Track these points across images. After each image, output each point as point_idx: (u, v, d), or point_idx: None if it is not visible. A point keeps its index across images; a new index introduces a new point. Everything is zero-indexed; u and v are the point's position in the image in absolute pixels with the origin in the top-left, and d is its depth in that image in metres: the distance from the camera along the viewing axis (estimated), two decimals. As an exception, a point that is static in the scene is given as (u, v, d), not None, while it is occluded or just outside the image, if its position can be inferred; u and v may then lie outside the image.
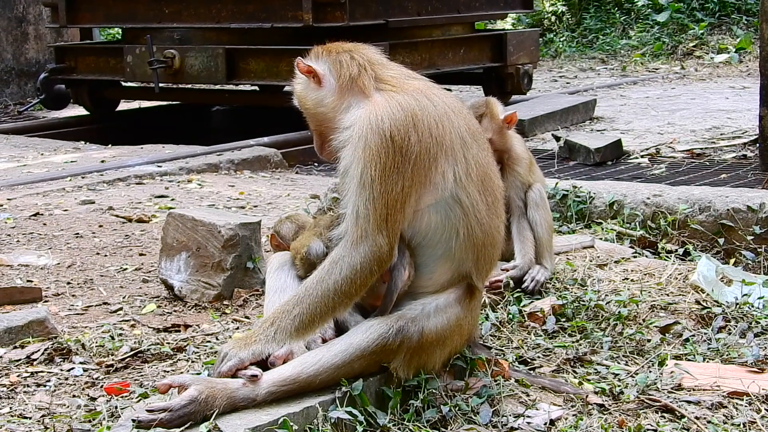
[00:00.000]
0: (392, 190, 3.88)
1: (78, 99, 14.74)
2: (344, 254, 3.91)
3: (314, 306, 3.89)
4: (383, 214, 3.88)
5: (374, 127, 3.90)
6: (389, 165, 3.88)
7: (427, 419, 3.94)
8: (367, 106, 3.98)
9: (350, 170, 3.93)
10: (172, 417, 3.63)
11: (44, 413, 4.17)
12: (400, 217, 3.93)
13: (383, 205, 3.87)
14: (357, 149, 3.91)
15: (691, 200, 6.91)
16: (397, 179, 3.89)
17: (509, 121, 5.63)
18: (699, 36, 20.10)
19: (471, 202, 4.05)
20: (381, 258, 3.90)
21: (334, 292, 3.90)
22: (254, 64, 12.71)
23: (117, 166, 9.98)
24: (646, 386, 4.34)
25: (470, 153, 4.10)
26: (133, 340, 5.01)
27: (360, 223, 3.89)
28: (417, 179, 3.94)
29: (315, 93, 4.16)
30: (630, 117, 13.08)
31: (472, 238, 4.07)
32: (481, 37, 14.23)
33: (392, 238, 3.91)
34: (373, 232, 3.88)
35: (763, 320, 5.11)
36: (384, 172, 3.88)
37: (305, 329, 3.90)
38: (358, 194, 3.90)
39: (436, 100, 4.08)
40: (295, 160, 10.98)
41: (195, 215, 5.75)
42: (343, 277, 3.89)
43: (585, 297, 5.25)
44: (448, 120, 4.06)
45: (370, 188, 3.88)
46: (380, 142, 3.88)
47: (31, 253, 6.74)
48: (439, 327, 4.01)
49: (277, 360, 3.84)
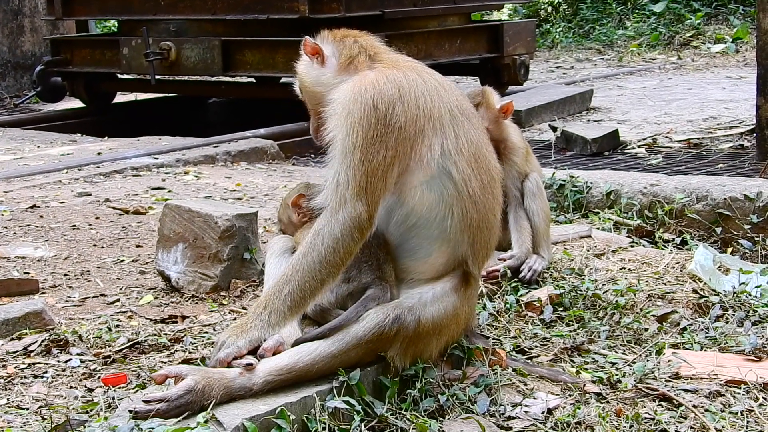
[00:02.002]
0: (374, 159, 3.89)
1: (74, 91, 14.70)
2: (324, 224, 3.92)
3: (303, 281, 3.90)
4: (363, 182, 3.88)
5: (357, 96, 3.94)
6: (371, 133, 3.90)
7: (424, 408, 3.94)
8: (355, 80, 4.05)
9: (335, 140, 3.97)
10: (169, 407, 3.63)
11: (41, 404, 4.17)
12: (381, 186, 3.92)
13: (363, 172, 3.88)
14: (341, 118, 3.95)
15: (688, 189, 6.92)
16: (379, 148, 3.90)
17: (505, 111, 5.63)
18: (696, 26, 20.09)
19: (462, 178, 4.04)
20: (361, 225, 3.89)
21: (320, 264, 3.90)
22: (250, 55, 12.69)
23: (113, 158, 9.96)
24: (643, 375, 4.34)
25: (461, 129, 4.09)
26: (130, 331, 5.01)
27: (340, 190, 3.91)
28: (402, 150, 3.95)
29: (316, 71, 4.23)
30: (627, 107, 13.07)
31: (468, 218, 4.07)
32: (477, 28, 14.20)
33: (372, 206, 3.91)
34: (352, 198, 3.88)
35: (761, 309, 5.11)
36: (366, 140, 3.89)
37: (298, 306, 3.92)
38: (340, 162, 3.92)
39: (426, 77, 4.12)
40: (291, 152, 10.96)
41: (192, 206, 5.74)
42: (326, 247, 3.90)
43: (582, 286, 5.25)
44: (437, 95, 4.08)
45: (351, 155, 3.90)
46: (363, 111, 3.91)
47: (27, 245, 6.73)
48: (436, 316, 4.01)
49: (266, 353, 3.84)
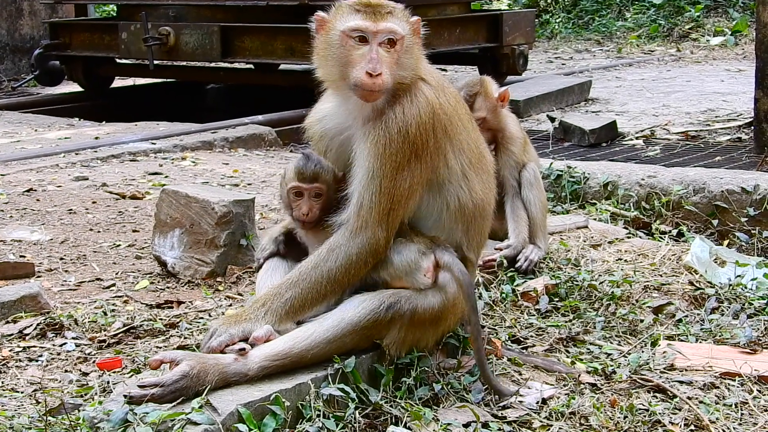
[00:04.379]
0: (400, 186, 3.93)
1: (72, 75, 14.68)
2: (342, 242, 3.94)
3: (306, 291, 3.94)
4: (387, 208, 3.92)
5: (401, 128, 3.92)
6: (403, 164, 3.93)
7: (419, 397, 3.95)
8: (402, 100, 3.96)
9: (362, 158, 3.95)
10: (164, 392, 3.63)
11: (36, 388, 4.18)
12: (402, 212, 3.99)
13: (389, 199, 3.92)
14: (377, 143, 3.92)
15: (685, 181, 6.92)
16: (407, 176, 3.95)
17: (503, 99, 5.62)
18: (695, 18, 20.07)
19: (469, 187, 4.12)
20: (377, 250, 3.95)
21: (327, 280, 3.94)
22: (249, 41, 12.66)
23: (111, 143, 9.94)
24: (638, 366, 4.35)
25: (470, 137, 4.18)
26: (125, 316, 5.00)
27: (362, 213, 3.93)
28: (426, 175, 4.02)
29: None
30: (625, 99, 13.06)
31: (463, 209, 4.13)
32: (476, 18, 14.17)
33: (390, 231, 3.96)
34: (373, 224, 3.92)
35: (756, 301, 5.12)
36: (396, 170, 3.92)
37: (295, 313, 3.95)
38: (366, 185, 3.93)
39: (448, 91, 4.13)
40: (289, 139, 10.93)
41: (189, 192, 5.73)
42: (338, 266, 3.93)
43: (578, 277, 5.25)
44: (457, 114, 4.12)
45: (379, 181, 3.91)
46: (401, 144, 3.91)
47: (24, 229, 6.72)
48: (435, 305, 4.01)
49: (257, 341, 3.85)
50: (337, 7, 4.05)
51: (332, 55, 3.99)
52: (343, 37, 3.95)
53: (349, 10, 3.98)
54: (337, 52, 3.97)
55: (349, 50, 3.94)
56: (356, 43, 3.94)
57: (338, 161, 4.16)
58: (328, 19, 4.04)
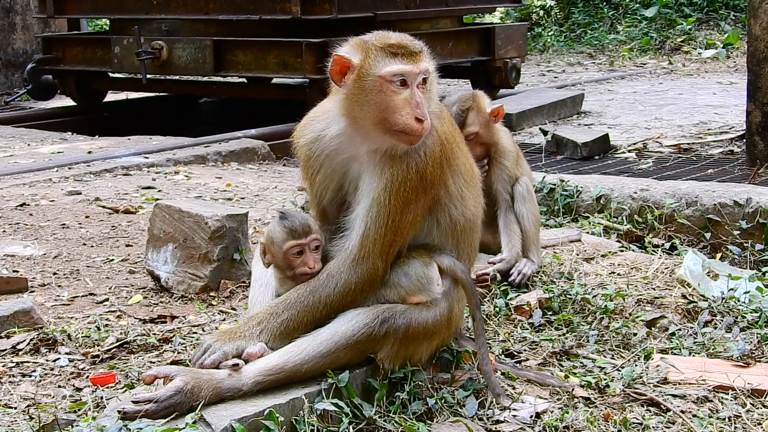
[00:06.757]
0: (406, 220, 3.95)
1: (65, 90, 14.67)
2: (342, 270, 3.96)
3: (302, 314, 3.95)
4: (390, 241, 3.94)
5: (419, 167, 3.92)
6: (413, 200, 3.95)
7: (413, 411, 3.95)
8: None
9: (372, 190, 3.94)
10: (158, 408, 3.63)
11: (29, 403, 4.17)
12: (403, 242, 4.01)
13: (393, 232, 3.94)
14: (393, 179, 3.92)
15: (678, 195, 6.93)
16: (413, 209, 3.97)
17: (496, 115, 5.63)
18: (687, 31, 20.11)
19: (463, 205, 4.16)
20: (375, 280, 3.97)
21: (324, 305, 3.95)
22: (242, 55, 12.67)
23: (104, 157, 9.94)
24: (631, 380, 4.35)
25: (465, 157, 4.23)
26: (119, 330, 5.00)
27: (366, 244, 3.94)
28: (428, 205, 4.05)
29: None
30: (617, 112, 13.09)
31: (455, 225, 4.16)
32: (469, 31, 14.21)
33: (389, 262, 3.99)
34: (374, 255, 3.94)
35: (749, 314, 5.12)
36: (405, 205, 3.94)
37: (289, 334, 3.95)
38: (373, 218, 3.93)
39: (444, 114, 4.15)
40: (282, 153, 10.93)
41: (182, 206, 5.73)
42: (336, 293, 3.95)
43: (572, 291, 5.26)
44: (455, 138, 4.14)
45: (386, 215, 3.92)
46: (417, 183, 3.93)
47: (17, 244, 6.72)
48: (429, 320, 4.02)
49: (251, 357, 3.86)
50: (365, 50, 3.90)
51: (370, 101, 3.86)
52: (383, 83, 3.84)
53: (385, 54, 3.86)
54: (376, 98, 3.85)
55: (389, 95, 3.83)
56: (397, 87, 3.84)
57: (330, 182, 4.11)
58: (357, 64, 3.89)
